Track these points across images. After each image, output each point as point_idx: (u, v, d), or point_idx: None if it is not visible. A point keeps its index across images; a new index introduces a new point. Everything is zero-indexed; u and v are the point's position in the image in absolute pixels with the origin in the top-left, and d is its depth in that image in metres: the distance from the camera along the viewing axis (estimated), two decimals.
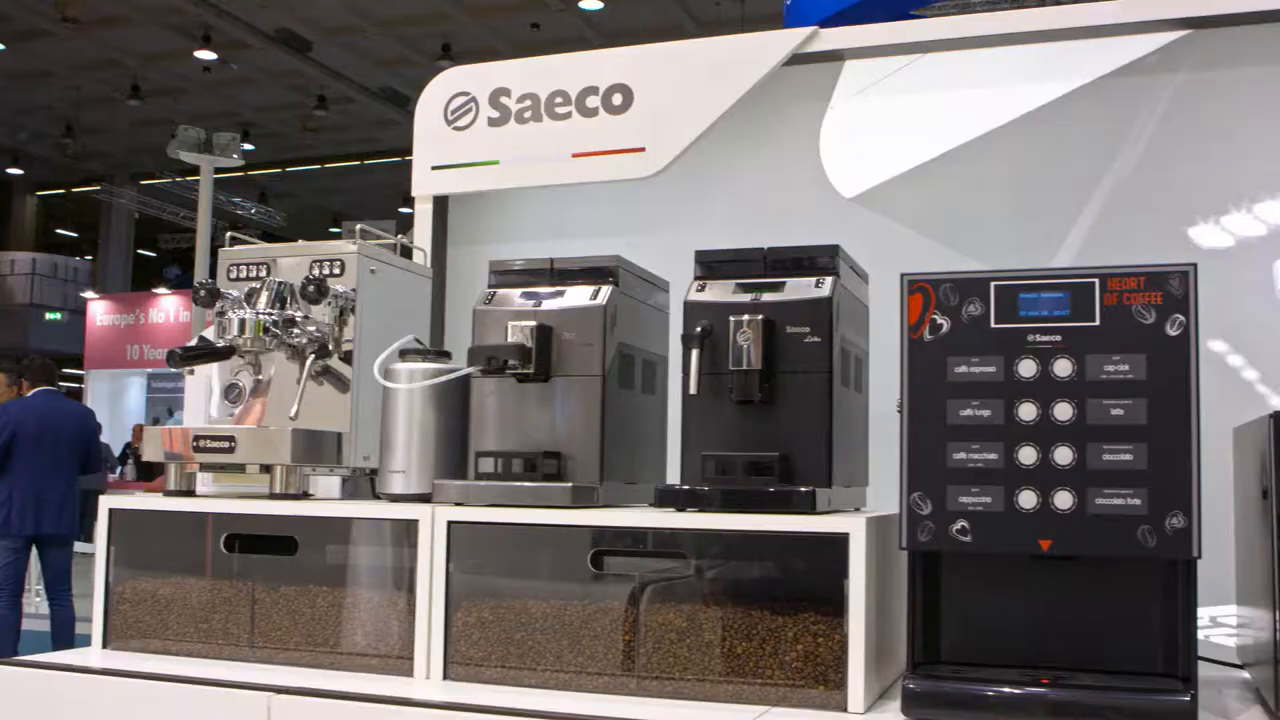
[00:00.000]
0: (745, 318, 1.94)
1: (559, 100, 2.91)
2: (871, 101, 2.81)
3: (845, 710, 1.81)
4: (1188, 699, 1.66)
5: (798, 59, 2.77)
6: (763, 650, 1.87)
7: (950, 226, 2.70)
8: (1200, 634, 2.35)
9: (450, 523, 2.07)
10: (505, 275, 2.22)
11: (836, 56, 2.81)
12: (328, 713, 1.94)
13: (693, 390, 1.95)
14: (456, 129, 3.01)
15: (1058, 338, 1.73)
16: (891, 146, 2.78)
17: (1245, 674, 2.09)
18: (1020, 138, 2.68)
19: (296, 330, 2.35)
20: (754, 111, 2.82)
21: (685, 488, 1.95)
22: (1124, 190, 2.60)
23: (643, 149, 2.80)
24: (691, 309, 2.01)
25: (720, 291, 2.01)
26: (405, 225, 3.07)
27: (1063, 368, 1.72)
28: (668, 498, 1.97)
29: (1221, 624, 2.39)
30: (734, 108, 2.76)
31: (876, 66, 2.79)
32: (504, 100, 2.96)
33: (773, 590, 1.89)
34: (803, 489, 1.88)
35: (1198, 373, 1.69)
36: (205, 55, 16.41)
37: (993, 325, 1.76)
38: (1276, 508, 1.69)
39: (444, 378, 2.19)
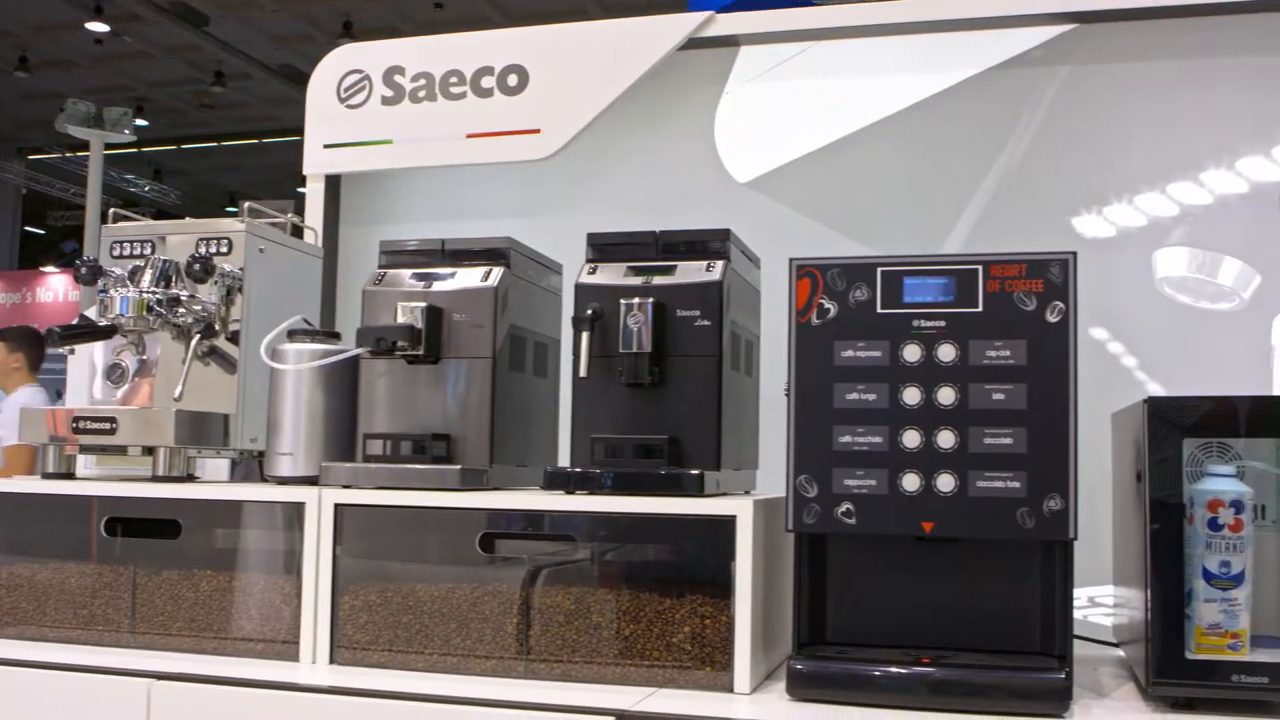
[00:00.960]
0: (635, 301, 1.94)
1: (454, 80, 2.88)
2: (766, 87, 2.82)
3: (731, 691, 1.83)
4: (1062, 676, 1.70)
5: (694, 43, 2.78)
6: (650, 632, 1.87)
7: (842, 212, 2.73)
8: (1079, 614, 2.42)
9: (337, 505, 2.04)
10: (396, 256, 2.20)
11: (732, 42, 2.82)
12: (209, 699, 1.91)
13: (582, 373, 1.95)
14: (350, 107, 2.97)
15: (942, 323, 1.76)
16: (786, 132, 2.80)
17: (1120, 652, 2.15)
18: (912, 126, 2.72)
19: (181, 309, 2.30)
20: (650, 95, 2.82)
21: (574, 470, 1.95)
22: (1011, 179, 2.65)
23: (538, 130, 2.79)
24: (582, 291, 2.00)
25: (611, 274, 2.01)
26: (304, 205, 3.03)
27: (946, 353, 1.75)
28: (557, 480, 1.97)
29: (1099, 604, 2.45)
30: (630, 91, 2.76)
31: (772, 52, 2.81)
32: (398, 79, 2.93)
33: (661, 572, 1.90)
34: (691, 471, 1.89)
35: (1076, 359, 1.73)
36: (97, 27, 15.94)
37: (879, 310, 1.78)
38: (1149, 491, 1.74)
39: (332, 359, 2.16)
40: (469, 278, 2.12)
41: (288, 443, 2.20)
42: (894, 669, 1.75)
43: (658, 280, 1.98)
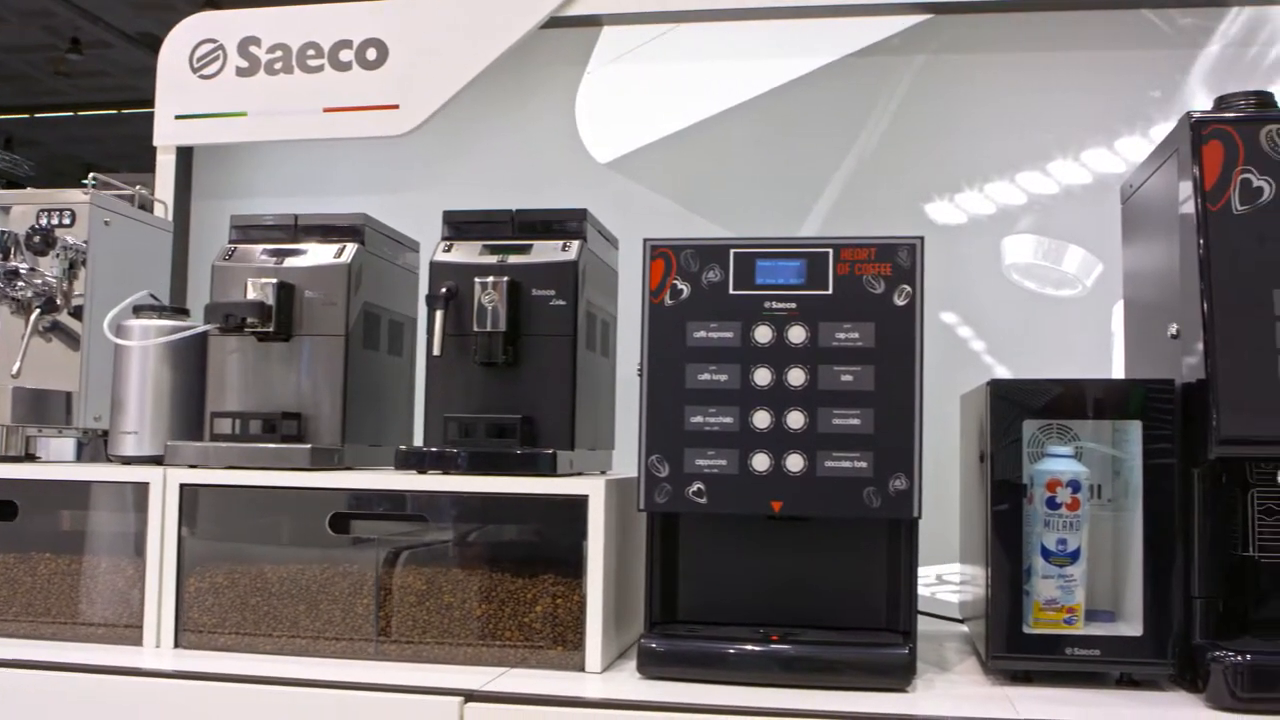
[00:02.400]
0: (490, 279, 1.93)
1: (311, 52, 2.82)
2: (628, 68, 2.82)
3: (583, 670, 1.83)
4: (906, 652, 1.74)
5: (556, 21, 2.77)
6: (502, 612, 1.87)
7: (702, 194, 2.75)
8: (928, 591, 2.48)
9: (183, 485, 1.99)
10: (247, 231, 2.15)
11: (594, 21, 2.81)
12: (45, 685, 1.84)
13: (435, 351, 1.93)
14: (203, 77, 2.89)
15: (793, 305, 1.78)
16: (646, 113, 2.80)
17: (965, 628, 2.21)
18: (771, 110, 2.75)
19: (21, 283, 2.22)
20: (511, 73, 2.80)
21: (427, 450, 1.94)
22: (867, 165, 2.70)
23: (397, 106, 2.75)
24: (437, 269, 1.99)
25: (467, 252, 2.00)
26: None
27: (797, 334, 1.78)
28: (409, 460, 1.95)
29: (947, 581, 2.52)
30: (491, 68, 2.74)
31: (634, 33, 2.81)
32: (254, 50, 2.86)
33: (514, 552, 1.89)
34: (545, 451, 1.89)
35: (922, 341, 1.77)
36: None
37: (731, 292, 1.80)
38: (991, 470, 1.78)
39: (179, 335, 2.11)
40: (322, 254, 2.08)
41: (132, 421, 2.14)
42: (744, 646, 1.77)
43: (513, 259, 1.97)
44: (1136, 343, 2.12)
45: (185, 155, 2.96)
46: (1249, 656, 1.64)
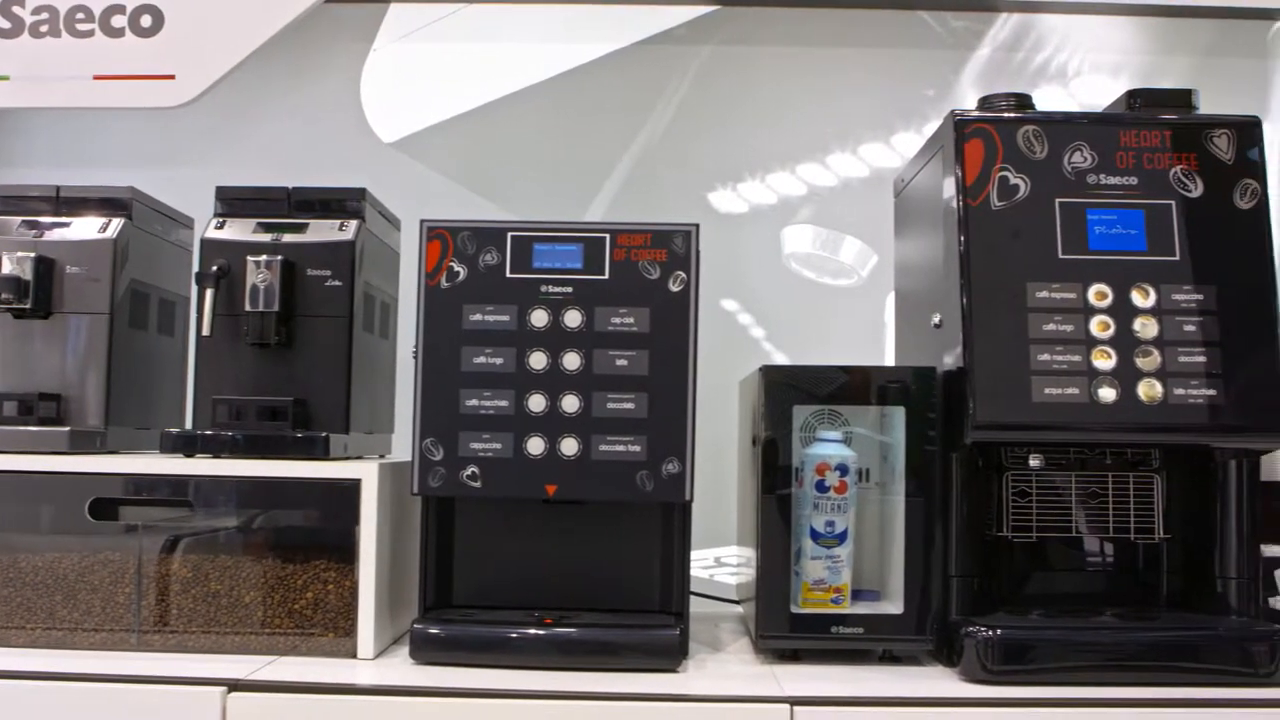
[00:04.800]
0: (263, 258, 1.88)
1: (81, 16, 2.69)
2: (415, 47, 2.78)
3: (355, 657, 1.81)
4: (676, 633, 1.77)
5: None
6: (271, 599, 1.82)
7: (488, 177, 2.73)
8: (708, 573, 2.53)
9: None
10: (5, 201, 2.05)
11: None
12: None
13: (205, 331, 1.87)
14: None
15: (569, 289, 1.79)
16: (433, 94, 2.77)
17: (740, 609, 2.26)
18: (558, 95, 2.74)
19: None
20: (295, 47, 2.72)
21: (195, 432, 1.88)
22: (653, 152, 2.73)
23: (172, 76, 2.64)
24: (208, 246, 1.93)
25: (240, 230, 1.94)
26: None
27: (573, 318, 1.78)
28: (176, 443, 1.88)
29: (725, 564, 2.57)
30: (273, 41, 2.65)
31: (422, 12, 2.77)
32: (16, 10, 2.70)
33: (284, 538, 1.85)
34: (318, 434, 1.85)
35: (697, 327, 1.79)
36: None
37: (508, 275, 1.79)
38: (763, 454, 1.83)
39: None
40: (85, 228, 2.00)
41: None
42: (516, 629, 1.77)
43: (288, 238, 1.92)
44: (905, 331, 2.20)
45: None
46: (998, 631, 1.72)
